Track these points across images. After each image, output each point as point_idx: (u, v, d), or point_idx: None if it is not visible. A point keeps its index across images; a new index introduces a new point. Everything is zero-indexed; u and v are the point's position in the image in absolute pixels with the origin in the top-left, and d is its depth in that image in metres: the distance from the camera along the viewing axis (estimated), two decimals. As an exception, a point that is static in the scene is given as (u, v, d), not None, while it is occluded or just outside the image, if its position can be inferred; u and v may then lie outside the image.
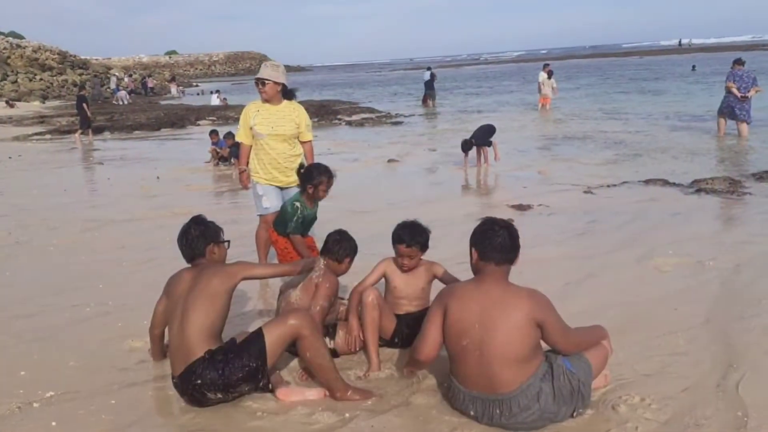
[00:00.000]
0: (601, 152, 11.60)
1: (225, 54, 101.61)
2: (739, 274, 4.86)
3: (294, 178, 4.97)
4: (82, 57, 50.04)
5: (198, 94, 44.21)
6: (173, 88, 46.37)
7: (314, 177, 4.57)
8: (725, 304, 4.29)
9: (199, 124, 21.83)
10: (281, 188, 5.21)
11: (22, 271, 5.72)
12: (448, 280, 3.70)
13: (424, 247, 3.71)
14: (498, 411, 2.83)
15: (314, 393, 3.23)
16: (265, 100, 5.08)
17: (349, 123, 20.09)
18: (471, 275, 3.03)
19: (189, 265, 3.43)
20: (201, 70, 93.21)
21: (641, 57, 68.74)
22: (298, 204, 4.62)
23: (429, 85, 25.30)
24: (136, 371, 3.61)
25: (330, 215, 5.98)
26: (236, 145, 7.90)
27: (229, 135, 11.93)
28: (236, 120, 17.63)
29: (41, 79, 40.88)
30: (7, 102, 31.53)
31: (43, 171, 12.25)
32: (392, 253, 3.75)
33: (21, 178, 11.49)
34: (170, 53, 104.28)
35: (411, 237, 3.64)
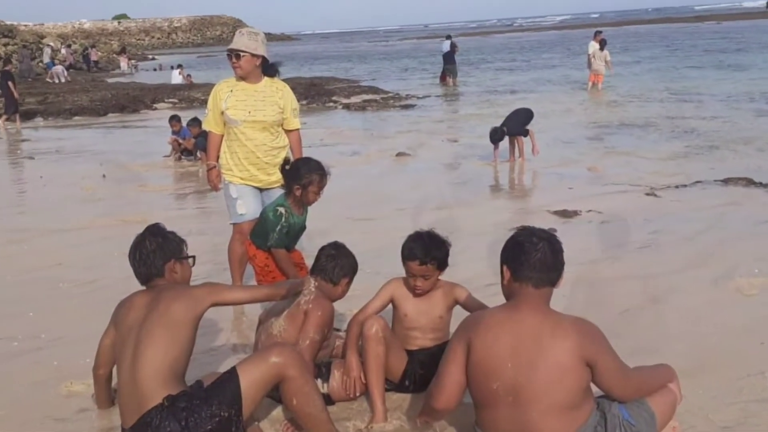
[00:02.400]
0: (668, 143, 11.61)
1: (189, 19, 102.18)
2: (844, 300, 4.86)
3: (277, 177, 4.99)
4: (8, 23, 50.36)
5: (155, 69, 44.45)
6: (123, 62, 46.64)
7: (303, 175, 4.58)
8: (827, 337, 4.28)
9: (156, 108, 21.95)
10: (261, 189, 5.23)
11: (-67, 294, 5.75)
12: (472, 306, 3.71)
13: (442, 264, 3.72)
14: (536, 473, 2.83)
15: (302, 450, 3.24)
16: (241, 78, 5.11)
17: (346, 106, 20.18)
18: (502, 300, 3.05)
19: (143, 288, 3.44)
20: (159, 39, 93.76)
21: (719, 23, 68.67)
22: (282, 210, 4.63)
23: (449, 59, 25.35)
24: (76, 422, 3.63)
25: (323, 224, 5.99)
26: (203, 135, 7.96)
27: (195, 122, 11.98)
28: (203, 103, 17.72)
29: (-44, 52, 41.14)
30: None
31: (-41, 167, 12.34)
32: (402, 273, 3.76)
33: (-69, 176, 11.57)
34: (119, 17, 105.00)
35: (425, 252, 3.64)
